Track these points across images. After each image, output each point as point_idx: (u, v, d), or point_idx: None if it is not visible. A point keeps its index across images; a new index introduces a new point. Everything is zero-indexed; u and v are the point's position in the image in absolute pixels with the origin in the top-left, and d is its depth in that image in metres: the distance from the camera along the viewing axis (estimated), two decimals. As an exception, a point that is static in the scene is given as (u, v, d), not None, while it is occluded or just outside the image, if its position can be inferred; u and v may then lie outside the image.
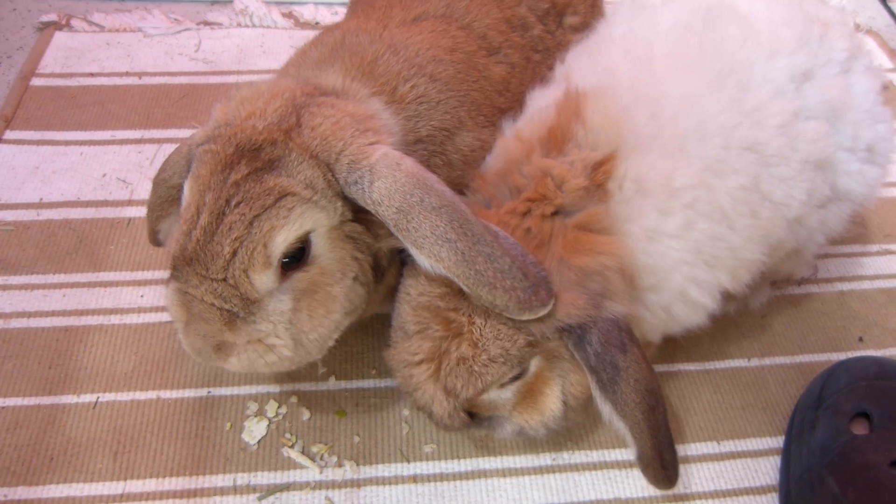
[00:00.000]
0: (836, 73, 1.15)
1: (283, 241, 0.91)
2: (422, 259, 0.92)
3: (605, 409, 0.96)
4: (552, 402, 1.02)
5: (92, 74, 1.74)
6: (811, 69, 1.11)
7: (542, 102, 1.14)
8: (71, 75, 1.73)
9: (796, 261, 1.28)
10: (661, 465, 0.97)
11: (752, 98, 1.05)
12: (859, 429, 1.10)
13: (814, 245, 1.23)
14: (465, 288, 0.91)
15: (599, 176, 1.00)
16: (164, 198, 1.09)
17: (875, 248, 1.52)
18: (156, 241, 1.17)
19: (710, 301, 1.06)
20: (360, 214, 0.98)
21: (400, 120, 1.06)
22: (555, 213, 1.00)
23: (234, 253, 0.90)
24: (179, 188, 1.03)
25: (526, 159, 1.05)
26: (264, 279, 0.93)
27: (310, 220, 0.93)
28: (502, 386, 1.00)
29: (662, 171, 0.99)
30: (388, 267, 1.08)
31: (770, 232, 1.07)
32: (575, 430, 1.21)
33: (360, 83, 1.06)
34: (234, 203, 0.90)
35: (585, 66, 1.15)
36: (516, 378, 1.00)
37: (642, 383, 0.93)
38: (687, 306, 1.05)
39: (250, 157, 0.92)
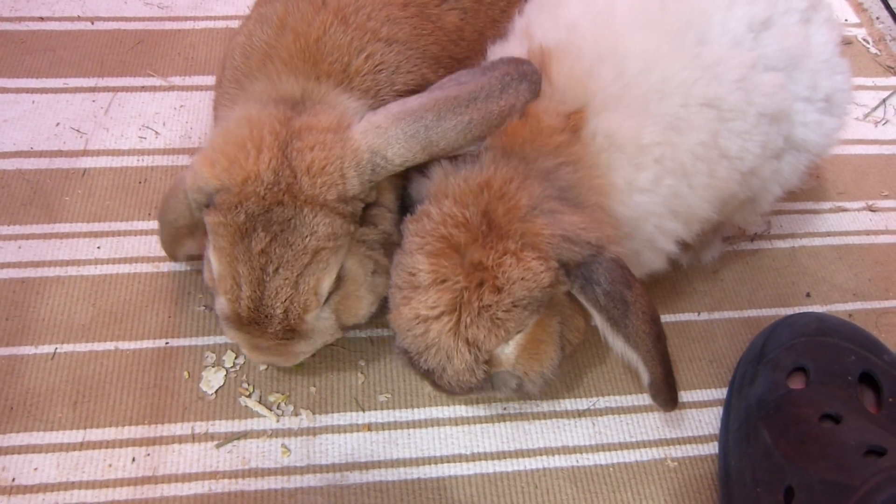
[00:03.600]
0: (795, 22, 1.15)
1: (328, 284, 1.01)
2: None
3: (617, 343, 0.99)
4: (552, 350, 1.03)
5: (42, 19, 1.67)
6: (770, 17, 1.12)
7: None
8: (20, 19, 1.66)
9: (750, 211, 1.30)
10: (668, 388, 1.02)
11: (710, 51, 1.06)
12: (796, 383, 1.15)
13: (769, 196, 1.25)
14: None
15: (574, 119, 1.01)
16: (175, 235, 1.16)
17: (828, 205, 1.55)
18: (177, 260, 1.29)
19: (672, 247, 1.10)
20: (363, 213, 1.04)
21: (356, 96, 1.07)
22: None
23: (286, 311, 0.99)
24: (186, 227, 1.11)
25: None
26: (313, 315, 1.03)
27: (341, 257, 1.02)
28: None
29: (631, 128, 1.01)
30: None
31: (723, 190, 1.10)
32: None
33: (310, 82, 1.06)
34: (271, 270, 0.97)
35: (546, 20, 1.14)
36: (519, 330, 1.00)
37: (649, 314, 0.97)
38: (653, 253, 1.10)
39: (264, 223, 0.96)
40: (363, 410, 1.20)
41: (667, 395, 1.03)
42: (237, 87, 1.13)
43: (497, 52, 1.17)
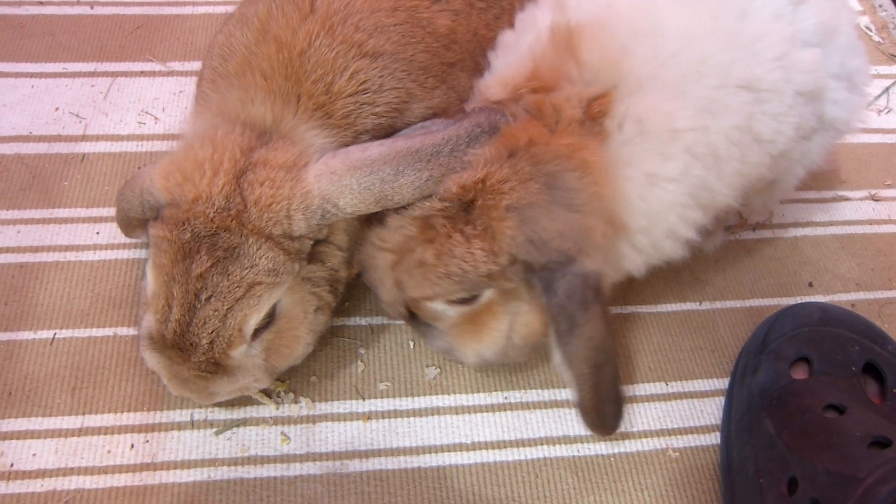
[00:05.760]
0: None
1: (255, 322, 0.99)
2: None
3: (557, 354, 1.00)
4: (495, 335, 1.05)
5: (41, 3, 1.66)
6: None
7: (522, 41, 1.10)
8: (19, 3, 1.65)
9: (769, 196, 1.28)
10: (598, 415, 1.03)
11: (751, 26, 1.04)
12: (799, 373, 1.14)
13: (793, 178, 1.24)
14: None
15: (595, 108, 0.99)
16: (128, 222, 1.17)
17: (831, 194, 1.54)
18: (130, 238, 1.29)
19: (694, 235, 1.08)
20: (311, 249, 1.03)
21: (329, 127, 1.05)
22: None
23: (212, 343, 0.97)
24: (138, 221, 1.11)
25: (513, 102, 1.03)
26: (240, 351, 1.01)
27: (276, 296, 1.00)
28: (450, 303, 1.03)
29: (665, 113, 0.98)
30: (346, 277, 1.13)
31: (751, 176, 1.08)
32: (526, 369, 1.24)
33: (287, 106, 1.03)
34: (203, 298, 0.95)
35: None
36: (465, 301, 1.02)
37: (595, 341, 0.96)
38: (675, 242, 1.07)
39: (209, 246, 0.95)
40: (363, 398, 1.20)
41: (593, 420, 1.04)
42: (213, 90, 1.10)
43: (526, 15, 1.15)
